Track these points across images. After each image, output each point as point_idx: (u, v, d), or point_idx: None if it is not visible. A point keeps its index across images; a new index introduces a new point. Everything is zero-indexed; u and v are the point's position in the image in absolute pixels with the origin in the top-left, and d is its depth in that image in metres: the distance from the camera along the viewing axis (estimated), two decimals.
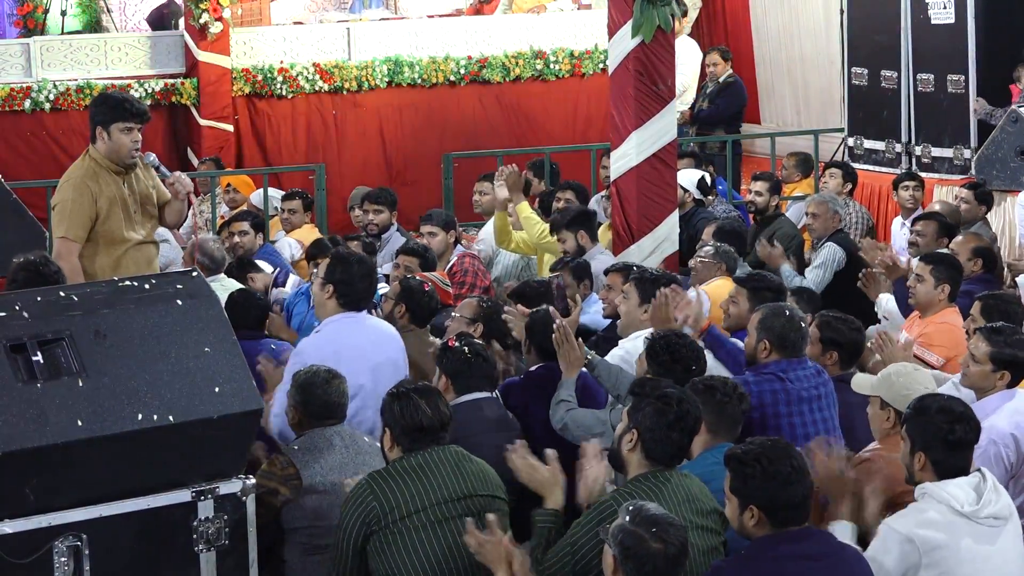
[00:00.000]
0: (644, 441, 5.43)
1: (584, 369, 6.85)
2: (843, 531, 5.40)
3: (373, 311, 7.68)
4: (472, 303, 7.80)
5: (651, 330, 6.93)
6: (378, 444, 6.38)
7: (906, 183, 11.62)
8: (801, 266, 10.53)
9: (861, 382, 6.33)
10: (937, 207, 10.72)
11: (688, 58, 15.02)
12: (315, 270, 7.77)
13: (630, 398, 5.59)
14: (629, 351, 7.03)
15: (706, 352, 6.83)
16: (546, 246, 9.93)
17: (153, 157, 8.05)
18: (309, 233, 11.24)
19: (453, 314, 7.98)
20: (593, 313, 8.48)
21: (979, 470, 5.43)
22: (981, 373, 6.53)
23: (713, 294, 7.96)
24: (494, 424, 6.64)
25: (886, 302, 8.73)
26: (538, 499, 5.70)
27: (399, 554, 5.48)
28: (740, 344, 6.97)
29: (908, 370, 6.20)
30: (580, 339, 6.99)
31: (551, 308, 7.02)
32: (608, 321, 8.21)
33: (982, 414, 6.37)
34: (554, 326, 6.79)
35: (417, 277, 8.45)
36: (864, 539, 5.48)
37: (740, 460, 5.07)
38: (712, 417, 5.91)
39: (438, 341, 7.66)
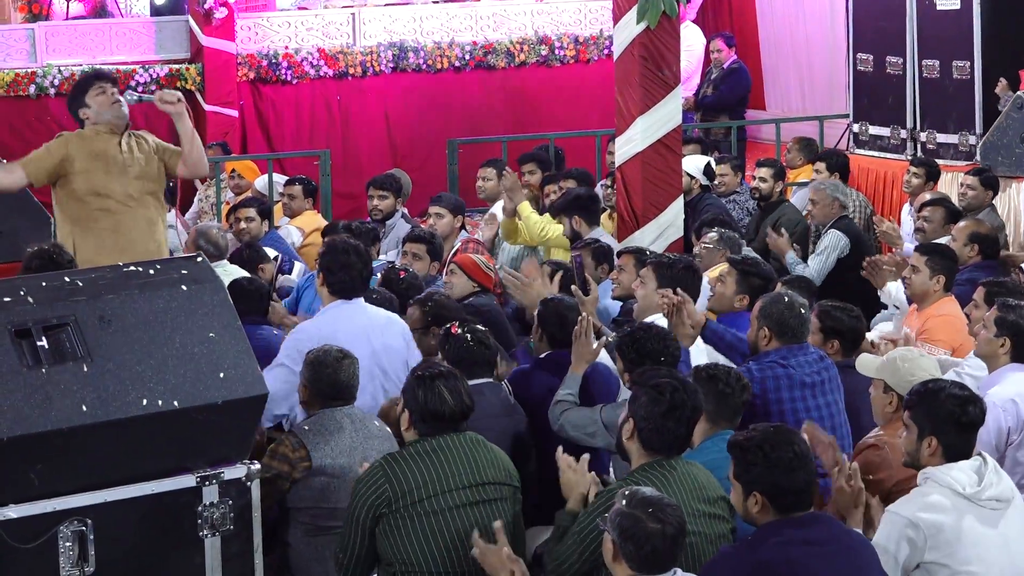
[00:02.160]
0: (640, 431, 5.44)
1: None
2: None
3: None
4: (414, 313, 7.72)
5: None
6: (388, 429, 6.41)
7: (908, 167, 11.62)
8: (806, 252, 10.53)
9: (866, 363, 6.36)
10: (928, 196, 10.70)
11: (691, 44, 15.03)
12: None
13: (632, 387, 5.60)
14: None
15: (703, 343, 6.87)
16: (551, 242, 9.89)
17: (131, 94, 8.13)
18: (311, 219, 11.22)
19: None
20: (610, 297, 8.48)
21: (980, 454, 5.46)
22: (985, 338, 6.73)
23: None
24: (498, 410, 6.64)
25: (896, 291, 8.73)
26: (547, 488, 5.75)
27: (408, 538, 5.48)
28: (740, 334, 6.95)
29: (914, 355, 6.23)
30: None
31: (573, 287, 7.00)
32: (619, 304, 8.21)
33: (990, 384, 6.50)
34: (580, 319, 6.79)
35: (476, 257, 8.62)
36: None
37: (742, 447, 5.08)
38: (713, 406, 5.90)
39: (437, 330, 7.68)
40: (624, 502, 4.80)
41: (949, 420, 5.39)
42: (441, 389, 5.62)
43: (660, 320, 6.98)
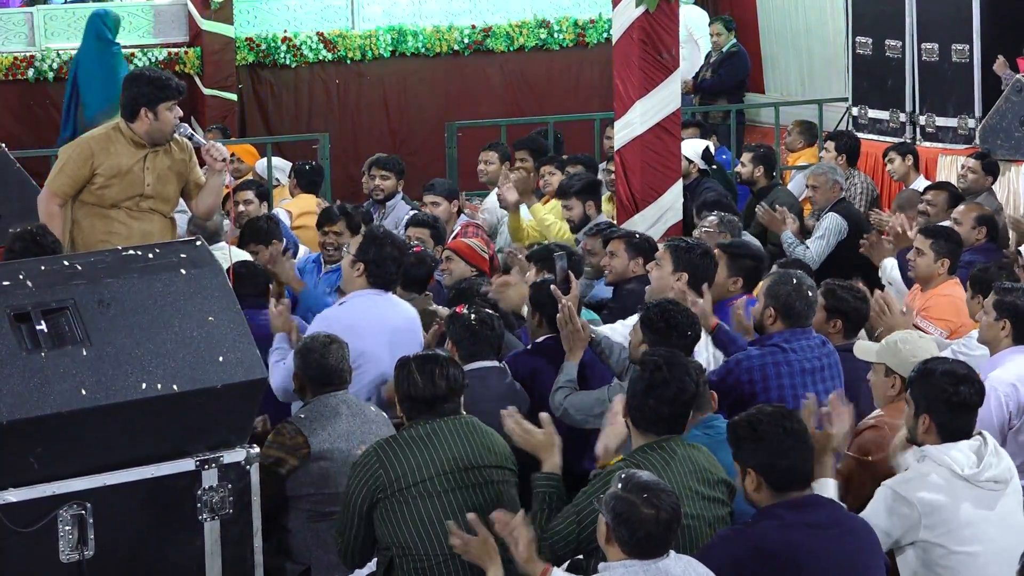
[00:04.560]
0: (630, 408, 5.46)
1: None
2: (827, 487, 5.38)
3: None
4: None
5: None
6: (385, 414, 6.42)
7: (884, 158, 11.67)
8: (801, 234, 10.51)
9: (865, 349, 6.37)
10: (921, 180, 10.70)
11: (701, 26, 15.11)
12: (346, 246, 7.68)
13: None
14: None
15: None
16: (567, 241, 9.87)
17: (186, 127, 7.96)
18: (301, 202, 11.12)
19: (447, 284, 8.04)
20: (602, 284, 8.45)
21: (980, 434, 5.47)
22: (987, 323, 6.75)
23: None
24: (500, 393, 6.64)
25: (891, 268, 8.75)
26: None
27: (404, 522, 5.49)
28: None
29: (914, 337, 6.26)
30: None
31: (552, 287, 6.98)
32: (611, 289, 8.19)
33: (991, 368, 6.53)
34: (560, 306, 6.77)
35: (470, 241, 8.62)
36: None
37: (735, 425, 5.13)
38: None
39: (442, 309, 7.68)
40: (620, 485, 4.80)
41: (941, 398, 5.42)
42: (412, 372, 5.64)
43: None
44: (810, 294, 6.64)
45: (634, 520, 4.73)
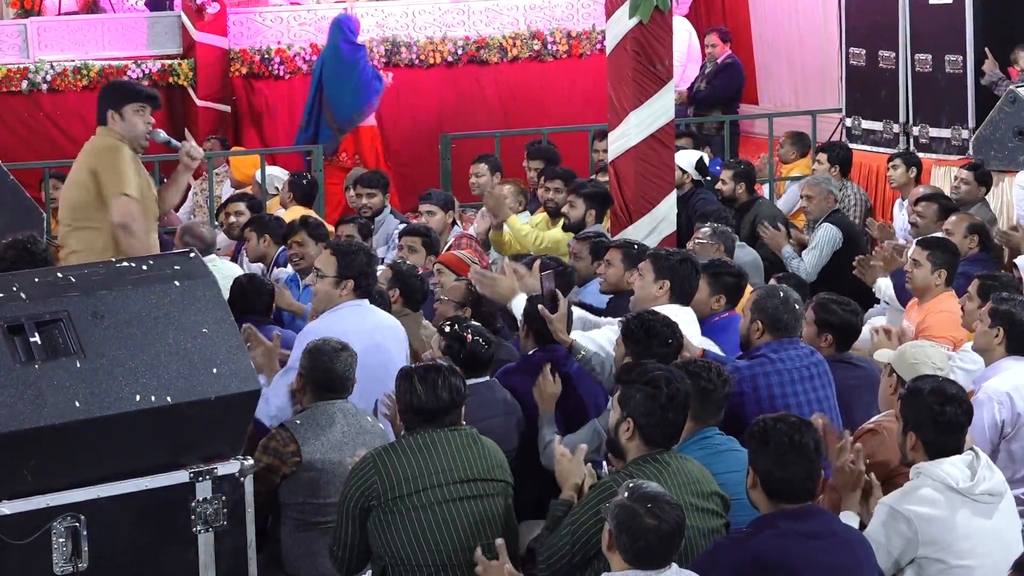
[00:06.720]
0: (641, 427, 5.43)
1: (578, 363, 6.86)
2: (848, 520, 5.42)
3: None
4: (460, 286, 7.80)
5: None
6: (381, 426, 6.41)
7: (887, 164, 11.67)
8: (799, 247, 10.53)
9: (883, 354, 6.43)
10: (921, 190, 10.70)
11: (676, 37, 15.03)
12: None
13: (618, 386, 5.58)
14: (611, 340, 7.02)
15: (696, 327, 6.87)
16: (545, 250, 9.88)
17: (161, 133, 7.96)
18: (294, 214, 11.11)
19: (440, 296, 8.00)
20: (595, 292, 8.45)
21: (972, 449, 5.48)
22: (981, 331, 6.79)
23: None
24: (493, 408, 6.64)
25: (886, 288, 8.75)
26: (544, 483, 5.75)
27: (397, 533, 5.48)
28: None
29: (925, 345, 6.31)
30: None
31: (540, 306, 6.97)
32: (607, 297, 8.20)
33: (986, 378, 6.59)
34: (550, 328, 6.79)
35: (459, 252, 8.59)
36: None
37: (752, 424, 5.18)
38: (697, 403, 5.87)
39: (432, 326, 7.67)
40: (626, 494, 4.82)
41: (927, 417, 5.43)
42: (415, 384, 5.63)
43: None
44: (797, 307, 6.70)
45: (636, 529, 4.75)
